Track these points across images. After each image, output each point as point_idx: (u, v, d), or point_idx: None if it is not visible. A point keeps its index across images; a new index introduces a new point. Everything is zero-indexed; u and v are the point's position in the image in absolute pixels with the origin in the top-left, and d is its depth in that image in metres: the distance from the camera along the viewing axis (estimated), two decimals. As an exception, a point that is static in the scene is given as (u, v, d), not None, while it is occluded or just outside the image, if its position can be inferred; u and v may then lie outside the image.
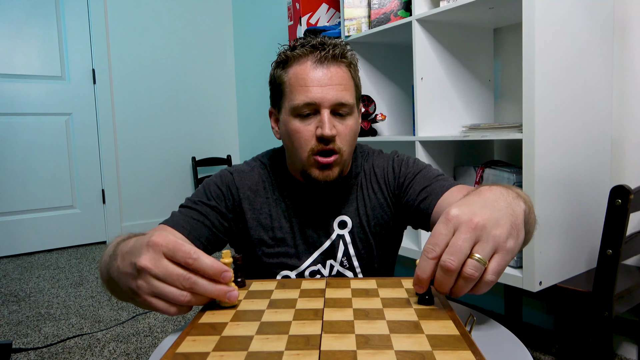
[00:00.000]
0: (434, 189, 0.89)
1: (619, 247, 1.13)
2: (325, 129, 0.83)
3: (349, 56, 0.89)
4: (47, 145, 3.22)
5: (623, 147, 1.54)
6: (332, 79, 0.85)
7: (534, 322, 1.84)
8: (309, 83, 0.85)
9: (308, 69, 0.85)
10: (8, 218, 3.11)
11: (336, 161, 0.87)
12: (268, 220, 0.94)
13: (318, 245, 0.95)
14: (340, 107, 0.86)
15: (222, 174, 0.96)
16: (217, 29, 3.84)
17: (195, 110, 3.77)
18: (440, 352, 0.48)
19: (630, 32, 1.51)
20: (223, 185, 0.94)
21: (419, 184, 0.92)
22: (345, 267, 0.96)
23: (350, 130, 0.88)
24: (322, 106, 0.84)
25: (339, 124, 0.86)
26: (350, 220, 0.95)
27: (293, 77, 0.87)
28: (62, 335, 1.90)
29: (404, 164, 0.96)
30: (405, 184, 0.94)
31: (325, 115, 0.84)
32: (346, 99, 0.86)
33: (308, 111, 0.85)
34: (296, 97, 0.85)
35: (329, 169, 0.87)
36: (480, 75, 1.83)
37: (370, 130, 2.00)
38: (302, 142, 0.86)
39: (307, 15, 2.26)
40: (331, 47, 0.86)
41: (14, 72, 3.09)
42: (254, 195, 0.95)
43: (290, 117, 0.87)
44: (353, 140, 0.90)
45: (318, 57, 0.85)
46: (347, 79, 0.88)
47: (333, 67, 0.86)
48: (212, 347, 0.51)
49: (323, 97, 0.84)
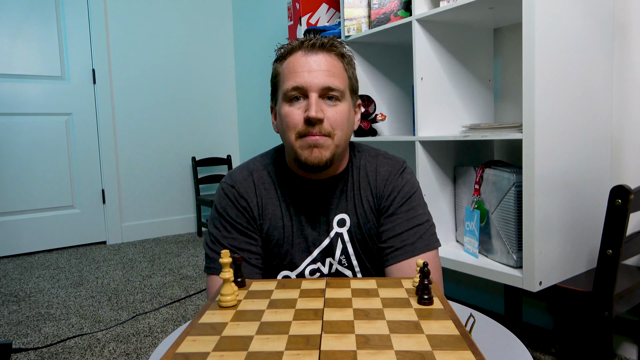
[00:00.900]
0: (406, 245, 0.91)
1: (619, 247, 1.13)
2: (311, 110, 0.85)
3: (338, 46, 0.91)
4: (47, 145, 3.22)
5: (623, 147, 1.54)
6: (320, 65, 0.87)
7: (534, 322, 1.84)
8: (298, 69, 0.87)
9: (298, 57, 0.89)
10: (8, 218, 3.11)
11: (326, 143, 0.87)
12: (273, 220, 0.95)
13: (318, 243, 0.95)
14: (329, 91, 0.87)
15: (227, 191, 0.96)
16: (217, 29, 3.84)
17: (195, 110, 3.77)
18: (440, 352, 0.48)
19: (630, 32, 1.51)
20: (235, 200, 0.94)
21: (398, 225, 0.93)
22: (344, 265, 0.96)
23: (342, 115, 0.89)
24: (310, 90, 0.86)
25: (329, 108, 0.88)
26: (349, 219, 0.95)
27: (286, 68, 0.90)
28: (62, 335, 1.90)
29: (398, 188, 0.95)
30: (387, 212, 0.95)
31: (313, 98, 0.86)
32: (335, 84, 0.87)
33: (297, 94, 0.87)
34: (287, 84, 0.88)
35: (318, 148, 0.87)
36: (480, 75, 1.83)
37: (370, 130, 2.00)
38: (291, 125, 0.88)
39: (307, 15, 2.26)
40: (321, 37, 0.90)
41: (14, 72, 3.09)
42: (259, 199, 0.95)
43: (282, 103, 0.90)
44: (346, 126, 0.90)
45: (307, 45, 0.89)
46: (337, 67, 0.90)
47: (321, 53, 0.88)
48: (212, 347, 0.51)
49: (311, 80, 0.86)
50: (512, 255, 1.44)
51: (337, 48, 0.90)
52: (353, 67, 0.95)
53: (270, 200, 0.95)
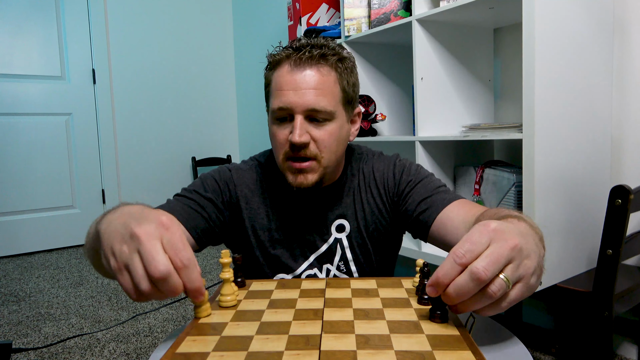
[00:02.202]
0: (435, 201, 0.86)
1: (619, 247, 1.13)
2: (294, 135, 0.80)
3: (330, 57, 0.84)
4: (47, 145, 3.22)
5: (623, 147, 1.54)
6: (307, 83, 0.81)
7: (534, 322, 1.84)
8: (283, 87, 0.82)
9: (284, 73, 0.83)
10: (8, 218, 3.11)
11: (312, 167, 0.84)
12: (265, 221, 0.93)
13: (314, 248, 0.93)
14: (315, 113, 0.82)
15: (220, 169, 0.95)
16: (217, 29, 3.84)
17: (195, 110, 3.77)
18: (440, 352, 0.48)
19: (630, 32, 1.51)
20: (221, 180, 0.93)
21: (419, 194, 0.89)
22: (342, 271, 0.94)
23: (330, 136, 0.84)
24: (295, 111, 0.81)
25: (316, 130, 0.83)
26: (349, 224, 0.94)
27: (274, 81, 0.85)
28: (62, 335, 1.90)
29: (406, 171, 0.93)
30: (405, 192, 0.92)
31: (298, 121, 0.81)
32: (321, 105, 0.81)
33: (283, 115, 0.83)
34: (273, 102, 0.85)
35: (303, 174, 0.84)
36: (480, 75, 1.83)
37: (370, 130, 2.00)
38: (278, 146, 0.85)
39: (307, 15, 2.26)
40: (309, 48, 0.83)
41: (14, 72, 3.08)
42: (251, 195, 0.94)
43: (271, 120, 0.87)
44: (336, 145, 0.86)
45: (294, 60, 0.82)
46: (327, 83, 0.83)
47: (309, 69, 0.82)
48: (212, 347, 0.51)
49: (295, 102, 0.81)
50: (512, 255, 1.44)
51: (327, 60, 0.83)
52: (350, 73, 0.88)
53: (264, 201, 0.94)
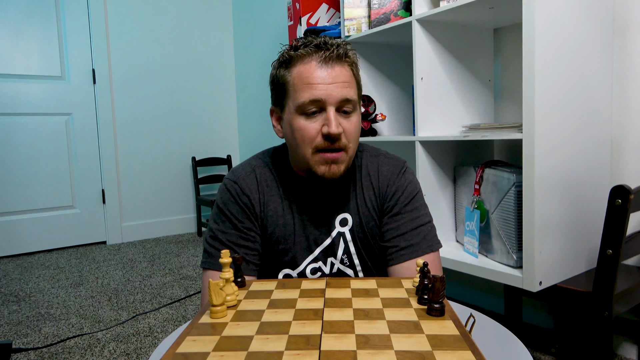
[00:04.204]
0: (410, 244, 0.92)
1: (619, 247, 1.13)
2: (332, 126, 0.85)
3: (351, 56, 0.91)
4: (47, 145, 3.22)
5: (623, 147, 1.54)
6: (336, 78, 0.87)
7: (534, 322, 1.84)
8: (314, 81, 0.86)
9: (313, 68, 0.87)
10: (8, 218, 3.11)
11: (342, 158, 0.89)
12: (274, 217, 0.95)
13: (319, 242, 0.95)
14: (346, 104, 0.88)
15: (229, 187, 0.96)
16: (217, 29, 3.84)
17: (195, 110, 3.77)
18: (440, 352, 0.48)
19: (630, 32, 1.51)
20: (238, 198, 0.94)
21: (404, 224, 0.94)
22: (345, 264, 0.96)
23: (356, 127, 0.90)
24: (328, 103, 0.86)
25: (345, 121, 0.88)
26: (351, 218, 0.96)
27: (297, 77, 0.88)
28: (62, 335, 1.89)
29: (405, 189, 0.96)
30: (391, 209, 0.96)
31: (332, 112, 0.86)
32: (350, 95, 0.88)
33: (314, 108, 0.87)
34: (301, 96, 0.87)
35: (336, 164, 0.89)
36: (480, 75, 1.83)
37: (370, 130, 2.00)
38: (307, 140, 0.88)
39: (307, 15, 2.26)
40: (335, 47, 0.88)
41: (14, 72, 3.08)
42: (261, 196, 0.96)
43: (295, 115, 0.88)
44: (358, 137, 0.93)
45: (323, 57, 0.87)
46: (350, 77, 0.90)
47: (337, 66, 0.88)
48: (212, 347, 0.51)
49: (329, 94, 0.86)
50: (512, 255, 1.44)
51: (349, 59, 0.90)
52: (359, 71, 0.95)
53: (272, 198, 0.96)
